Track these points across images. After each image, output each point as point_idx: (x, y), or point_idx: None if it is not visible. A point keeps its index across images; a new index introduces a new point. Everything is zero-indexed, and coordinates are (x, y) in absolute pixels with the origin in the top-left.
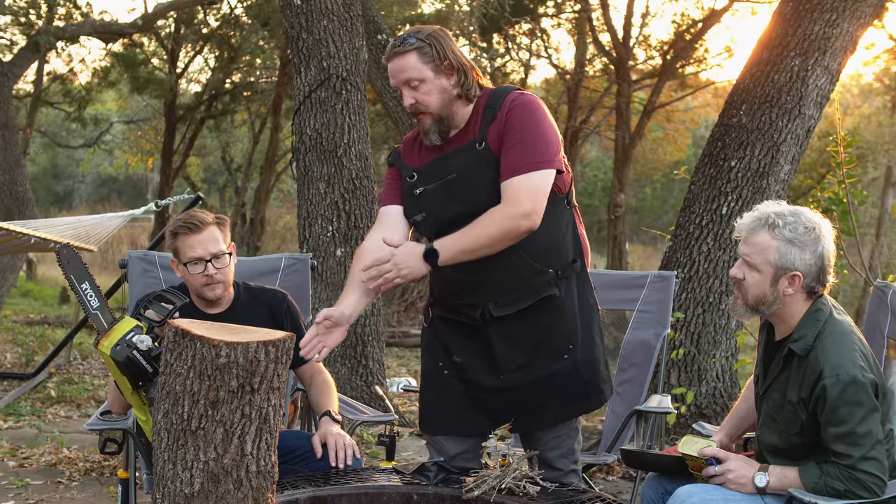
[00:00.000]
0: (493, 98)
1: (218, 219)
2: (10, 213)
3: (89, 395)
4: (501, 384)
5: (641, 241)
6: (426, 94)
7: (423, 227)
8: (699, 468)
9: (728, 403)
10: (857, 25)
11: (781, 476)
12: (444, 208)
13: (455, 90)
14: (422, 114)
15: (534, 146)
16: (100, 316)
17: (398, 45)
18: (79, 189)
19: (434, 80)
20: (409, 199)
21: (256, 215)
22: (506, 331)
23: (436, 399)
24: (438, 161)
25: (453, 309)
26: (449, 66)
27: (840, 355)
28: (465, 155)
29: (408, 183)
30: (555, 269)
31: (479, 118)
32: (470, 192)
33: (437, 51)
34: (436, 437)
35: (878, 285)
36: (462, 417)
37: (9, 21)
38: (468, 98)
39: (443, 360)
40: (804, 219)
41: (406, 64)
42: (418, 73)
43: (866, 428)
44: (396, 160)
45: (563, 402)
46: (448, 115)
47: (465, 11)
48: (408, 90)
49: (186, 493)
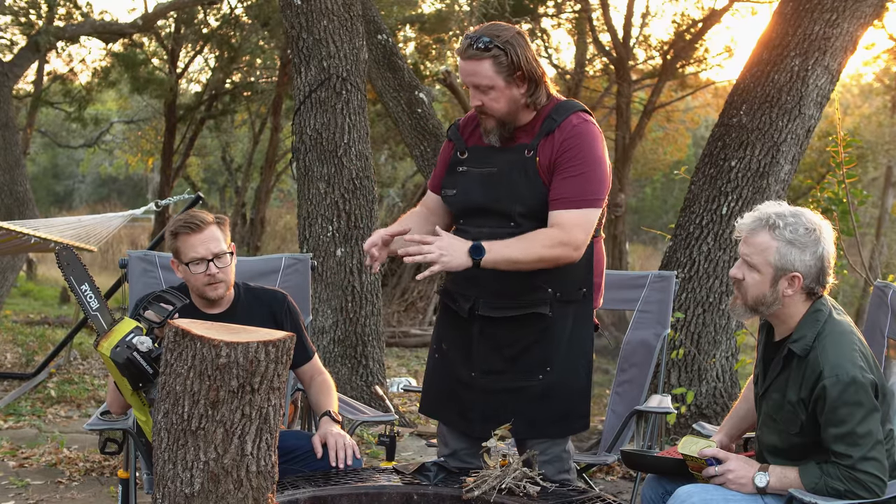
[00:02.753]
0: (558, 111)
1: (218, 219)
2: (11, 213)
3: (89, 395)
4: (471, 381)
5: (641, 241)
6: (494, 101)
7: (450, 202)
8: (699, 468)
9: (728, 403)
10: (857, 25)
11: (781, 476)
12: (475, 195)
13: (524, 99)
14: (486, 115)
15: (591, 181)
16: (99, 317)
17: (474, 48)
18: (79, 189)
19: (504, 89)
20: (450, 172)
21: (256, 215)
22: (489, 332)
23: (428, 379)
24: (490, 150)
25: (452, 296)
26: (521, 76)
27: (840, 355)
28: (512, 155)
29: (456, 157)
30: (555, 290)
31: (537, 126)
32: (500, 189)
33: (512, 59)
34: (441, 427)
35: (878, 285)
36: (442, 404)
37: (9, 21)
38: (535, 106)
39: (437, 345)
40: (805, 220)
41: (479, 69)
42: (489, 80)
43: (866, 428)
44: (454, 134)
45: (527, 421)
46: (512, 121)
47: (465, 11)
48: (476, 92)
49: (186, 493)
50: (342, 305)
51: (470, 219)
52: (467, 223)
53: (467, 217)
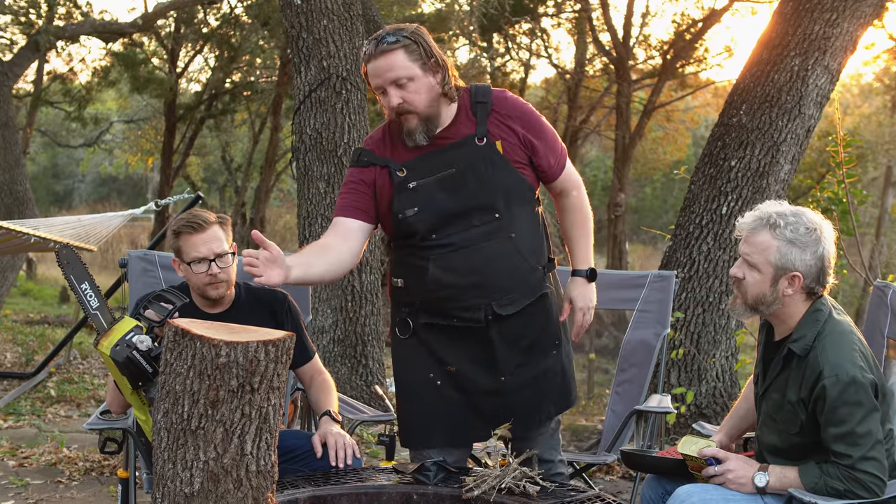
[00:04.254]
0: (479, 94)
1: (220, 218)
2: (10, 213)
3: (89, 395)
4: (502, 385)
5: (641, 240)
6: (414, 93)
7: (416, 220)
8: (699, 468)
9: (728, 403)
10: (857, 25)
11: (781, 476)
12: (442, 203)
13: (440, 88)
14: (408, 113)
15: (557, 137)
16: (99, 316)
17: (382, 43)
18: (79, 188)
19: (423, 77)
20: (399, 195)
21: (256, 215)
22: (507, 330)
23: (432, 412)
24: (431, 156)
25: (446, 314)
26: (434, 63)
27: (840, 355)
28: (464, 150)
29: (398, 177)
30: (541, 266)
31: (468, 114)
32: (478, 186)
33: (423, 48)
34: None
35: (878, 285)
36: (463, 426)
37: (9, 20)
38: (450, 96)
39: (434, 371)
40: (805, 219)
41: (394, 62)
42: (406, 70)
43: (866, 428)
44: (373, 158)
45: (552, 398)
46: (434, 114)
47: (465, 11)
48: (395, 89)
49: (186, 492)
50: (342, 305)
51: (445, 229)
52: (444, 234)
53: (441, 228)
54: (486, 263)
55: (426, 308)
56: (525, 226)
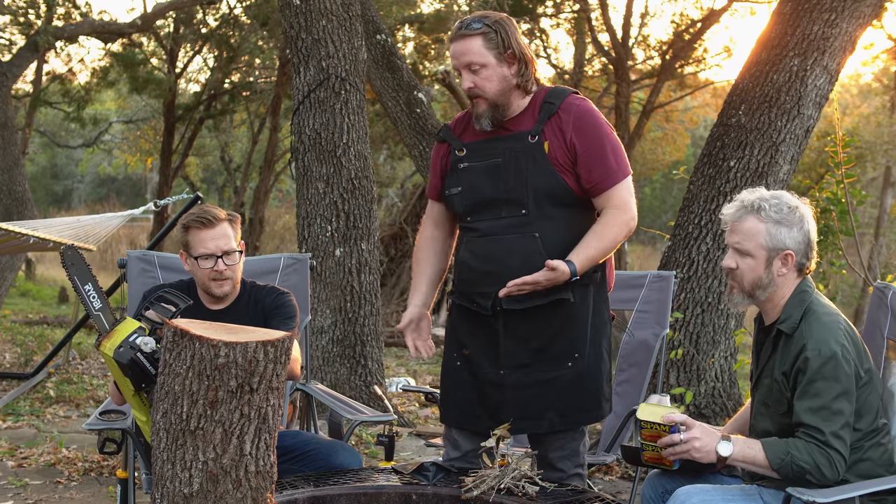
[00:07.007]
0: (553, 95)
1: (230, 216)
2: (9, 213)
3: (88, 395)
4: (501, 380)
5: (640, 240)
6: (485, 80)
7: (456, 200)
8: (655, 437)
9: (727, 403)
10: (855, 25)
11: (745, 447)
12: (483, 188)
13: (514, 80)
14: (478, 97)
15: (617, 153)
16: (102, 317)
17: (464, 28)
18: (78, 189)
19: (496, 66)
20: (452, 172)
21: (255, 215)
22: (513, 326)
23: (451, 391)
24: (489, 143)
25: (468, 297)
26: (511, 55)
27: (825, 331)
28: (515, 144)
29: (455, 156)
30: None
31: (535, 112)
32: (509, 180)
33: (502, 38)
34: (451, 429)
35: (877, 286)
36: (471, 412)
37: (8, 21)
38: (526, 90)
39: (456, 352)
40: (785, 200)
41: (470, 47)
42: (481, 57)
43: (839, 406)
44: (447, 135)
45: (560, 410)
46: (504, 103)
47: (465, 11)
48: (468, 73)
49: (185, 493)
50: (341, 305)
51: (479, 214)
52: (476, 219)
53: (476, 213)
54: (503, 255)
55: (458, 287)
56: (556, 228)
